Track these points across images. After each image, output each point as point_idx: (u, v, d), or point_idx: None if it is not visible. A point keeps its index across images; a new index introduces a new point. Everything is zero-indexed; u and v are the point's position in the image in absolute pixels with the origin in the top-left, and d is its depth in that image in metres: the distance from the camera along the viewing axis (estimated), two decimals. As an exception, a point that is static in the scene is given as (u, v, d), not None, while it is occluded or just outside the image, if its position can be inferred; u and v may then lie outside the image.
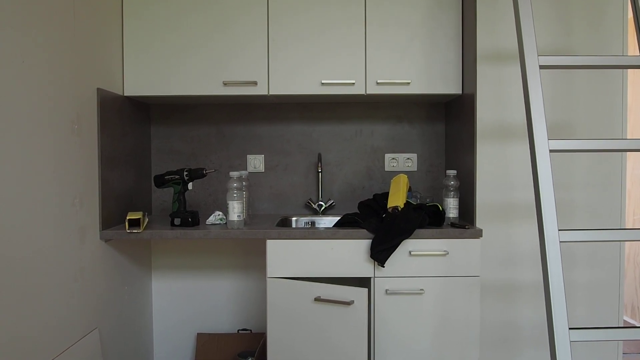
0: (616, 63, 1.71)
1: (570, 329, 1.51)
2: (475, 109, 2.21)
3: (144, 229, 2.15)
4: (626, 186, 2.23)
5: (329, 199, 2.74)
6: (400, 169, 2.74)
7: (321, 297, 2.06)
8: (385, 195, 2.35)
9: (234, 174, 2.16)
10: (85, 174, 2.01)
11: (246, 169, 2.74)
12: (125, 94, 2.39)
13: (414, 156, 2.74)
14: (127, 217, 2.12)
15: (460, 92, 2.39)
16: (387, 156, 2.75)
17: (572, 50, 2.20)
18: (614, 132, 2.22)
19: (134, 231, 2.10)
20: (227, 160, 2.75)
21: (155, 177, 2.31)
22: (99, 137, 2.12)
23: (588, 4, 2.20)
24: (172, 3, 2.38)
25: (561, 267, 1.53)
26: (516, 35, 1.73)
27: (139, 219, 2.12)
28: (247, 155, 2.75)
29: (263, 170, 2.75)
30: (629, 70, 2.41)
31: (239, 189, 2.15)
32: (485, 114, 2.21)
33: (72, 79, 1.91)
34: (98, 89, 2.11)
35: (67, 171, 1.86)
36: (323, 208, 2.68)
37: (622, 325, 2.25)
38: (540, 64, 1.67)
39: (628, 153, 3.17)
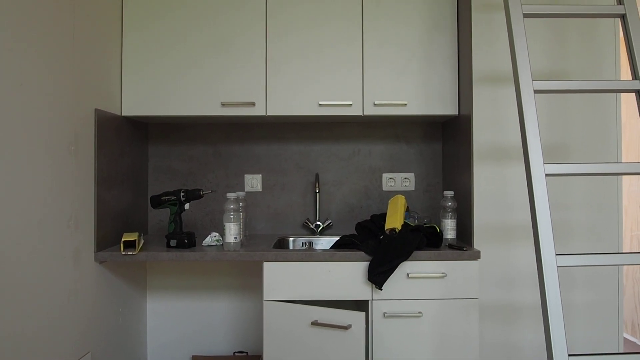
0: (609, 87, 1.71)
1: (569, 355, 1.49)
2: (472, 129, 2.21)
3: (140, 251, 2.14)
4: (622, 203, 2.23)
5: (327, 219, 2.73)
6: (398, 189, 2.74)
7: (318, 321, 2.04)
8: (382, 216, 2.34)
9: (231, 195, 2.15)
10: (81, 194, 2.00)
11: (244, 189, 2.74)
12: (123, 114, 2.39)
13: (411, 176, 2.74)
14: (123, 239, 2.10)
15: (457, 113, 2.40)
16: (385, 176, 2.74)
17: (567, 71, 2.21)
18: (609, 151, 2.22)
19: (129, 253, 2.09)
20: (225, 179, 2.75)
21: (152, 197, 2.30)
22: (95, 158, 2.11)
23: (582, 27, 2.22)
24: (171, 24, 2.39)
25: (559, 293, 1.52)
26: (511, 61, 1.74)
27: (134, 240, 2.11)
28: (245, 175, 2.74)
29: (260, 190, 2.74)
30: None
31: (236, 210, 2.15)
32: (481, 134, 2.22)
33: (70, 100, 1.91)
34: (96, 109, 2.12)
35: (63, 193, 1.85)
36: (321, 228, 2.67)
37: (621, 352, 2.23)
38: (535, 89, 1.67)
39: (625, 172, 3.19)
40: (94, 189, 2.10)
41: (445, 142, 2.67)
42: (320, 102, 2.36)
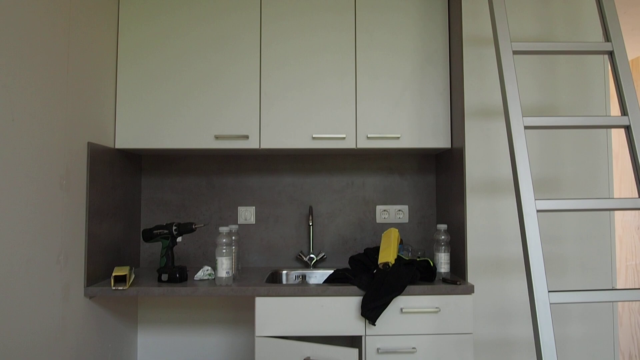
0: (599, 123, 1.73)
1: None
2: (465, 163, 2.22)
3: (130, 285, 2.11)
4: (615, 235, 2.23)
5: (320, 252, 2.71)
6: (392, 221, 2.73)
7: (311, 358, 2.01)
8: (376, 250, 2.33)
9: (224, 229, 2.14)
10: (72, 229, 1.99)
11: (237, 221, 2.73)
12: (116, 147, 2.39)
13: (405, 208, 2.74)
14: (113, 274, 2.08)
15: (450, 146, 2.41)
16: (379, 208, 2.74)
17: (557, 105, 2.23)
18: (600, 183, 2.23)
19: (119, 288, 2.07)
20: (218, 211, 2.74)
21: (144, 231, 2.28)
22: (87, 191, 2.11)
23: (572, 62, 2.25)
24: (166, 56, 2.41)
25: (552, 331, 1.51)
26: (501, 97, 1.76)
27: (125, 275, 2.09)
28: (238, 207, 2.74)
29: (254, 222, 2.73)
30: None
31: (228, 244, 2.13)
32: (474, 167, 2.22)
33: (63, 134, 1.91)
34: (89, 142, 2.12)
35: (53, 228, 1.84)
36: (314, 261, 2.65)
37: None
38: (525, 125, 1.69)
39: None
40: (85, 223, 2.09)
41: (439, 174, 2.67)
42: (314, 136, 2.37)
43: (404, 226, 2.73)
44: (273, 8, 2.43)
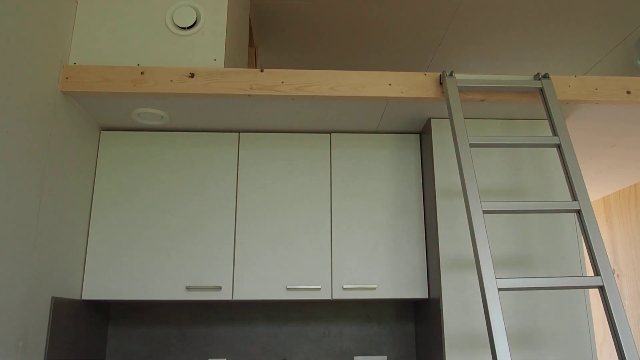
0: (574, 284, 1.72)
1: None
2: (442, 315, 2.16)
3: None
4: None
5: (295, 409, 2.54)
6: (371, 374, 2.60)
7: None
8: (353, 411, 2.19)
9: (189, 391, 2.01)
10: (24, 395, 1.84)
11: (206, 375, 2.57)
12: (83, 298, 2.30)
13: (384, 359, 2.62)
14: None
15: (427, 296, 2.37)
16: (357, 359, 2.62)
17: (531, 258, 2.24)
18: (582, 339, 2.17)
19: None
20: (187, 364, 2.59)
21: (104, 392, 2.13)
22: (46, 349, 1.98)
23: (544, 218, 2.30)
24: (140, 206, 2.40)
25: None
26: (474, 257, 1.76)
27: None
28: (209, 359, 2.59)
29: (224, 376, 2.58)
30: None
31: (194, 409, 1.98)
32: (452, 319, 2.16)
33: (26, 291, 1.83)
34: (53, 297, 2.03)
35: (3, 398, 1.70)
36: (288, 420, 2.47)
37: None
38: (499, 287, 1.67)
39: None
40: (40, 386, 1.94)
41: (418, 323, 2.60)
42: (288, 286, 2.32)
43: (383, 379, 2.60)
44: (250, 155, 2.50)
